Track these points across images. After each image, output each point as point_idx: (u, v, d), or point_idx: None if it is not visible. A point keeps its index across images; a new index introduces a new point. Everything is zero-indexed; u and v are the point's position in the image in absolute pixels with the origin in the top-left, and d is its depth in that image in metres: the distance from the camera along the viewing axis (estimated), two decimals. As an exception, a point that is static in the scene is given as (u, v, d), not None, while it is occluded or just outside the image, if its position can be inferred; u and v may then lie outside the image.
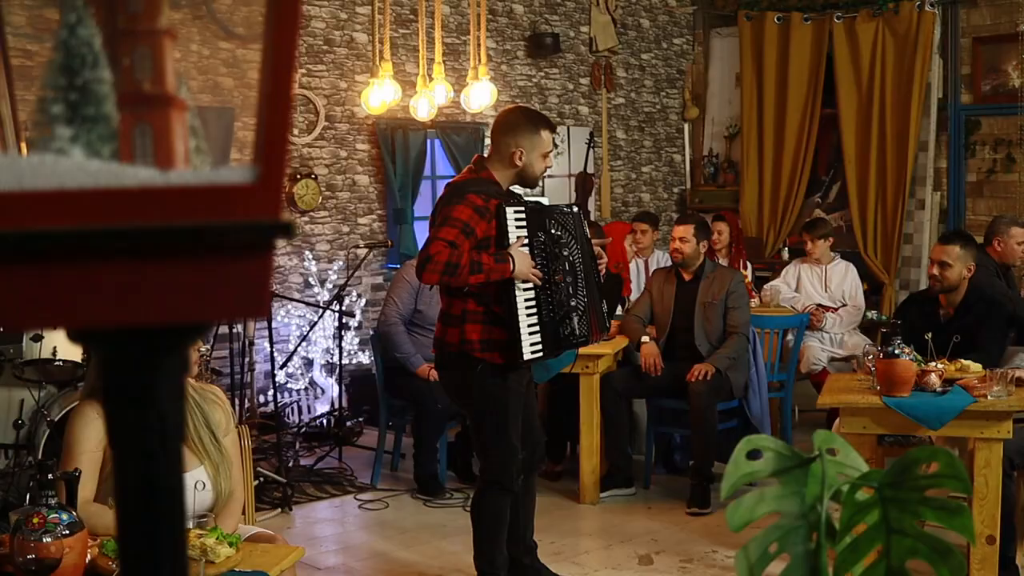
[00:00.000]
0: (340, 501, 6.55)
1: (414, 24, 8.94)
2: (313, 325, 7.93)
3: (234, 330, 7.10)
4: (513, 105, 6.12)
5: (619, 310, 7.47)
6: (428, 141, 9.16)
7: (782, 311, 7.82)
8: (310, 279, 8.53)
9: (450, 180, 4.73)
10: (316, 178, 8.65)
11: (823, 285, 8.07)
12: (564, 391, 6.61)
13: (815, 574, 1.45)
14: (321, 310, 7.85)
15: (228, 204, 0.78)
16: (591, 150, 10.70)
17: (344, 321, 8.00)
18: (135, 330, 0.80)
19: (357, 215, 8.97)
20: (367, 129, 9.03)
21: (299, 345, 7.97)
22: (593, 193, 10.78)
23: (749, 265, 8.72)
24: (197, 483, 2.81)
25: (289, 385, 8.44)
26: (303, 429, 8.07)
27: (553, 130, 4.55)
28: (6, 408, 5.94)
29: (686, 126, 11.60)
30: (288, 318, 8.40)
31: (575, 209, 4.71)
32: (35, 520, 2.29)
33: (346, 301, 8.54)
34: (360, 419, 8.10)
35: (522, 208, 4.40)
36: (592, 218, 10.56)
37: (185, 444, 3.01)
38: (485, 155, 4.60)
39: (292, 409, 8.44)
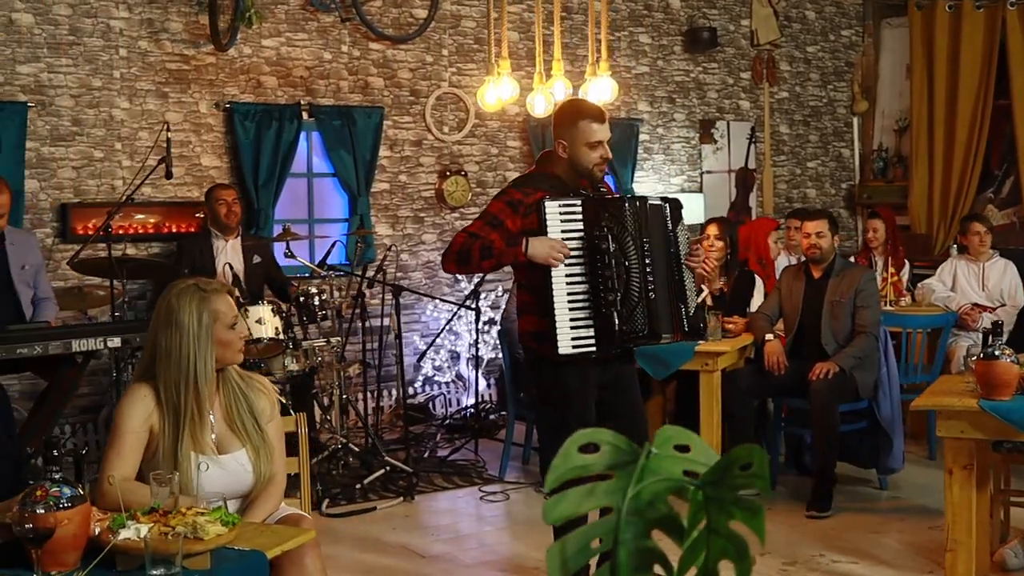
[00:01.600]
0: (464, 492, 6.65)
1: (566, 21, 8.98)
2: (450, 320, 8.08)
3: (367, 324, 7.30)
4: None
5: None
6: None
7: (931, 310, 7.54)
8: (458, 275, 8.68)
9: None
10: (466, 175, 8.81)
11: (980, 283, 7.75)
12: (690, 388, 6.54)
13: (612, 572, 1.44)
14: (457, 306, 7.99)
15: None
16: (752, 145, 10.54)
17: (489, 316, 8.12)
18: None
19: (508, 212, 9.07)
20: (518, 126, 9.13)
21: (435, 338, 8.14)
22: (755, 189, 10.61)
23: (907, 263, 8.40)
24: (200, 464, 2.95)
25: (436, 378, 8.63)
26: (447, 421, 8.25)
27: (597, 119, 4.36)
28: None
29: (855, 120, 11.26)
30: (437, 312, 8.59)
31: (657, 201, 4.52)
32: (38, 493, 2.46)
33: (492, 297, 8.67)
34: (503, 412, 8.22)
35: (575, 202, 4.32)
36: (753, 215, 10.38)
37: (229, 427, 3.19)
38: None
39: (440, 401, 8.62)
